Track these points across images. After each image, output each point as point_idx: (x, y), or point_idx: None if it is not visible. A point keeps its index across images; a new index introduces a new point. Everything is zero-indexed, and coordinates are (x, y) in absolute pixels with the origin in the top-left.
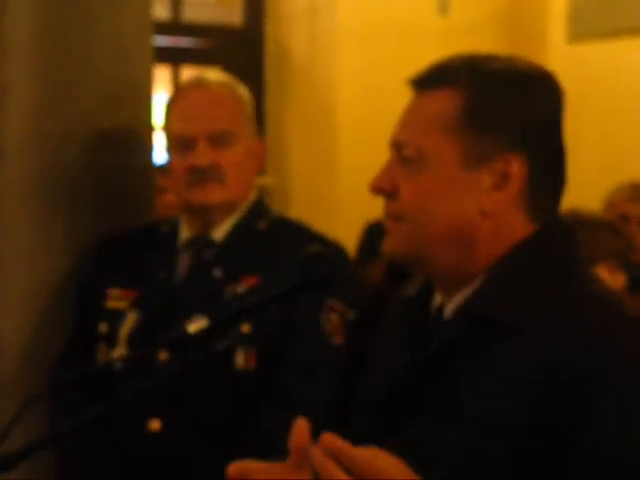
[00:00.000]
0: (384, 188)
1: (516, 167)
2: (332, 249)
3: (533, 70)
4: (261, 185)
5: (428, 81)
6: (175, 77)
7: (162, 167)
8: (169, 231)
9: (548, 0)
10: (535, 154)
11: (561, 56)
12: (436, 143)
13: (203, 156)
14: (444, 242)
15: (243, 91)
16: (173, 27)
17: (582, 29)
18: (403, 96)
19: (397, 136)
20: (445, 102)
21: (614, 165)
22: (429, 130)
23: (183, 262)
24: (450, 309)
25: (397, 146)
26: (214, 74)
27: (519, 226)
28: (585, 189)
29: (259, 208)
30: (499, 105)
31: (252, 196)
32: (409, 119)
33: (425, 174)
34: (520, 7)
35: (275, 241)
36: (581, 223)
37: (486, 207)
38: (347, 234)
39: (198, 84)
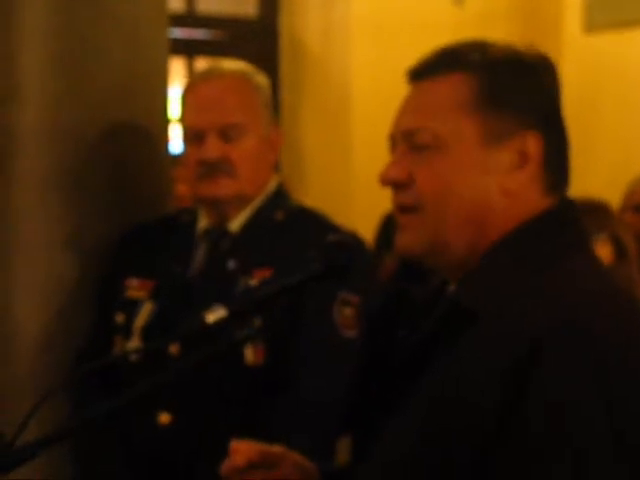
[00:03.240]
0: (399, 178)
1: (532, 144)
2: (350, 240)
3: (533, 54)
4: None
5: (433, 67)
6: (190, 69)
7: (176, 157)
8: (189, 221)
9: None
10: (548, 132)
11: (577, 47)
12: (454, 125)
13: (212, 150)
14: (464, 223)
15: (260, 79)
16: (188, 19)
17: (597, 20)
18: None
19: (406, 125)
20: (459, 85)
21: (631, 154)
22: (445, 113)
23: (199, 253)
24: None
25: (407, 135)
26: (229, 63)
27: (533, 201)
28: (602, 177)
29: (278, 198)
30: (512, 85)
31: (271, 186)
32: (418, 105)
33: (444, 157)
34: None
35: (291, 232)
36: None
37: (508, 187)
38: (362, 225)
39: (210, 75)
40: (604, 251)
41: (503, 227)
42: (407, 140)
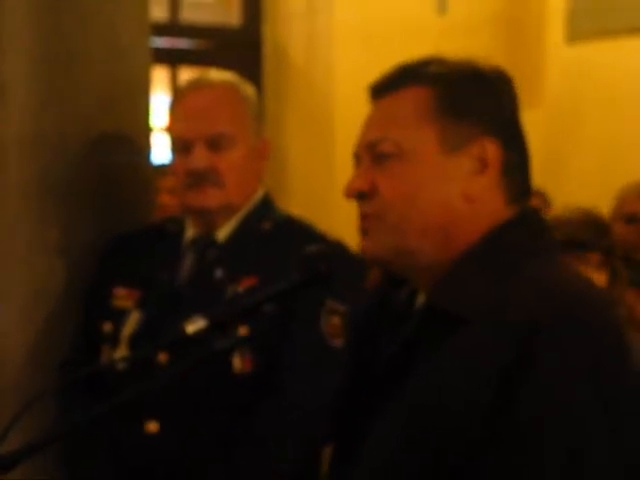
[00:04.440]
0: (362, 188)
1: (491, 150)
2: (335, 249)
3: (491, 68)
4: None
5: (392, 84)
6: (173, 78)
7: (160, 167)
8: (176, 230)
9: (547, 0)
10: (506, 141)
11: (560, 56)
12: (415, 134)
13: (200, 160)
14: (429, 229)
15: (248, 90)
16: (171, 28)
17: (581, 29)
18: None
19: (369, 137)
20: (418, 96)
21: (614, 163)
22: (406, 123)
23: (187, 262)
24: (419, 303)
25: (370, 146)
26: (217, 74)
27: (497, 210)
28: (585, 186)
29: (265, 208)
30: (469, 96)
31: (258, 196)
32: (379, 119)
33: (406, 165)
34: (519, 7)
35: (278, 242)
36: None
37: (470, 192)
38: (345, 234)
39: (198, 85)
40: (599, 278)
41: (469, 236)
42: (370, 152)
